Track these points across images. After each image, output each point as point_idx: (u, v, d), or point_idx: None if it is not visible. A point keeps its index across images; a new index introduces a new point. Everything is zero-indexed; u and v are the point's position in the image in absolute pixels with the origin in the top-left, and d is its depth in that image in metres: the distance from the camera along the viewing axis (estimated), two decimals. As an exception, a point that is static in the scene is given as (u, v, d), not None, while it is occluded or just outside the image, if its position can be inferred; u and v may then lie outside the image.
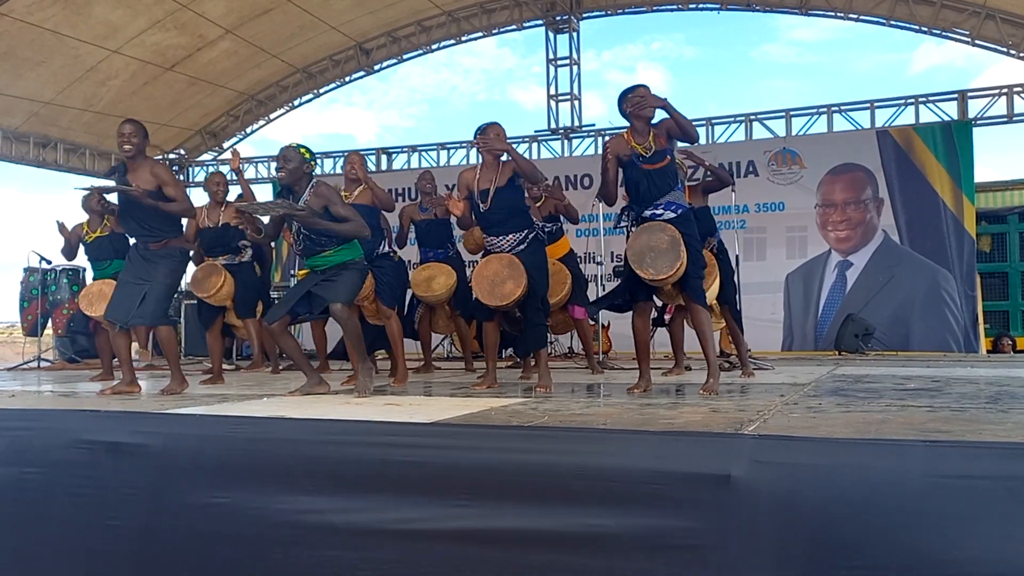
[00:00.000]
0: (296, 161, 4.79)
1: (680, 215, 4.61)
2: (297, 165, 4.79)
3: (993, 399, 4.18)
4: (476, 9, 13.00)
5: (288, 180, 4.79)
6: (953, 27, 11.01)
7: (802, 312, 10.94)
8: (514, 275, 5.01)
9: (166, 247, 5.21)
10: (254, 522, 3.23)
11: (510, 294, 4.99)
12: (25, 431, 3.79)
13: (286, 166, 4.77)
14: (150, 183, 5.08)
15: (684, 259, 4.44)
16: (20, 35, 10.46)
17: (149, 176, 5.11)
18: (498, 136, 5.12)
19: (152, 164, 5.24)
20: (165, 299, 5.22)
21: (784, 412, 3.70)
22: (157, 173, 5.15)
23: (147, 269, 5.15)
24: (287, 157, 4.78)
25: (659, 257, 4.44)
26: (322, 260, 4.83)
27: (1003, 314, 11.75)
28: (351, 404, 4.47)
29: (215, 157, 15.24)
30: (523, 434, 3.16)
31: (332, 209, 4.75)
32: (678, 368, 6.42)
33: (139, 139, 5.11)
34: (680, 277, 4.53)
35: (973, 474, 2.40)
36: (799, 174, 11.05)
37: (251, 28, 11.96)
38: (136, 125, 5.16)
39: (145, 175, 5.11)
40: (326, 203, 4.75)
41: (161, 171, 5.21)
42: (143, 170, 5.13)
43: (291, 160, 4.78)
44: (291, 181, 4.79)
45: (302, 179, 4.81)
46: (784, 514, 2.52)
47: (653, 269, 4.45)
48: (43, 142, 12.96)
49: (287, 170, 4.77)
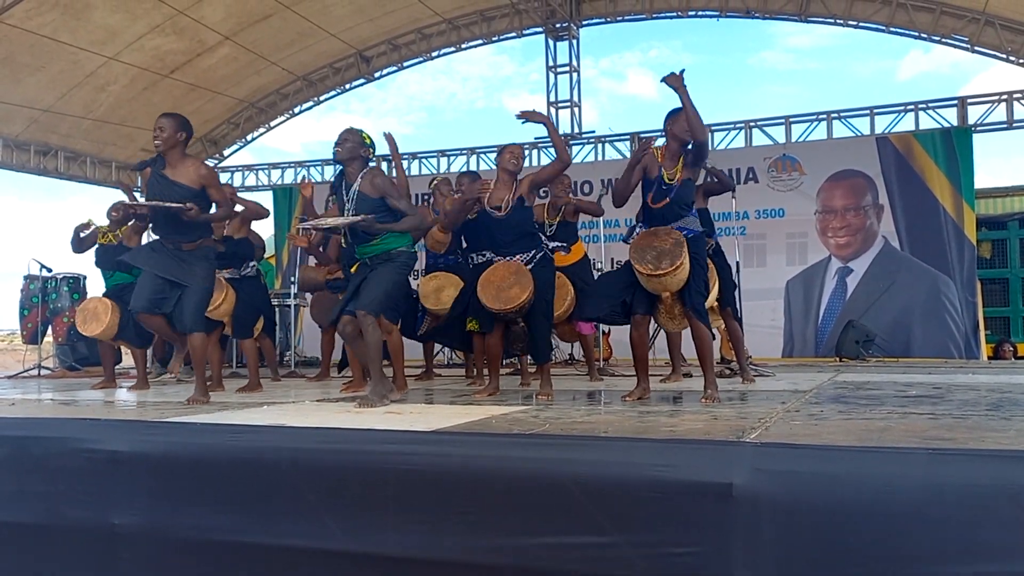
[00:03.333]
0: (353, 141, 4.80)
1: (690, 239, 4.66)
2: (354, 145, 4.79)
3: (995, 406, 4.17)
4: (476, 17, 13.03)
5: (343, 157, 4.79)
6: (952, 33, 11.02)
7: (803, 318, 10.94)
8: (521, 281, 5.03)
9: (200, 247, 5.04)
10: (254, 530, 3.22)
11: (515, 298, 5.00)
12: (25, 439, 3.78)
13: (343, 144, 4.78)
14: (195, 183, 4.88)
15: (686, 262, 4.48)
16: (19, 41, 10.47)
17: (195, 175, 4.90)
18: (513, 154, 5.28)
19: (198, 165, 5.00)
20: (203, 304, 5.06)
21: (786, 419, 3.69)
22: (203, 175, 4.93)
23: (183, 270, 4.95)
24: (346, 137, 4.81)
25: (661, 255, 4.51)
26: (370, 248, 4.80)
27: (1004, 320, 11.75)
28: (351, 412, 4.46)
29: (216, 165, 15.24)
30: (524, 442, 3.15)
31: (389, 201, 4.73)
32: (676, 375, 6.41)
33: (170, 133, 4.86)
34: (682, 290, 4.55)
35: (975, 482, 2.39)
36: (799, 180, 11.06)
37: (250, 34, 11.98)
38: (170, 118, 4.94)
39: (189, 173, 4.89)
40: (382, 194, 4.74)
41: (206, 173, 4.99)
42: (186, 168, 4.91)
43: (349, 140, 4.80)
44: (345, 159, 4.79)
45: (356, 160, 4.80)
46: (786, 522, 2.51)
47: (652, 264, 4.48)
48: (43, 150, 12.97)
49: (344, 148, 4.78)
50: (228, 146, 15.03)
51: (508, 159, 5.23)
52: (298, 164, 14.76)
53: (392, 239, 4.78)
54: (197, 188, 4.88)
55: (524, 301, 5.01)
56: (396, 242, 4.80)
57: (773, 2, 11.69)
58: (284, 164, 14.90)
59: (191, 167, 4.93)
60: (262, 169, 15.00)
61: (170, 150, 4.88)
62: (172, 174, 4.89)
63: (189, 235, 4.97)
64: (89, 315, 6.49)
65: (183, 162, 4.92)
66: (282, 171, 14.84)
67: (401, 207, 4.77)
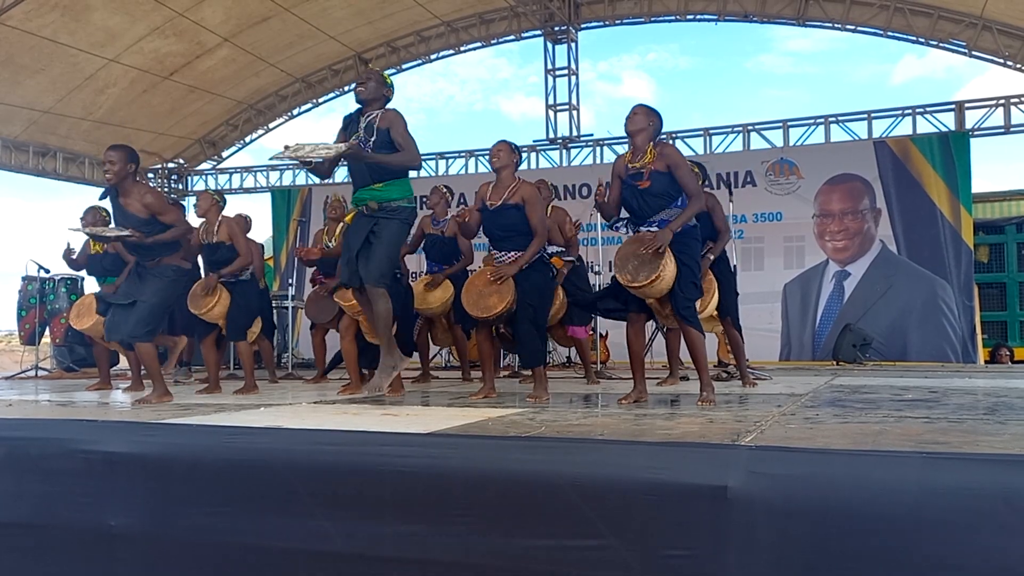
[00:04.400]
0: (375, 81, 4.89)
1: (677, 234, 4.55)
2: (376, 85, 4.88)
3: (990, 410, 4.18)
4: (475, 20, 13.05)
5: (365, 96, 4.86)
6: (950, 38, 11.06)
7: (800, 322, 10.95)
8: (500, 290, 5.06)
9: (158, 265, 5.24)
10: (251, 532, 3.22)
11: (492, 307, 5.06)
12: (22, 440, 3.78)
13: (366, 83, 4.87)
14: (143, 212, 5.11)
15: (665, 273, 4.40)
16: (19, 43, 10.48)
17: (140, 207, 5.11)
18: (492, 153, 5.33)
19: (142, 194, 5.18)
20: (148, 316, 5.17)
21: (781, 423, 3.69)
22: (148, 203, 5.13)
23: (138, 287, 5.24)
24: (368, 76, 4.91)
25: (641, 265, 4.45)
26: (370, 194, 4.79)
27: (1001, 324, 11.76)
28: (348, 414, 4.46)
29: (214, 166, 15.26)
30: (520, 444, 3.16)
31: (392, 133, 4.75)
32: (673, 378, 6.41)
33: (120, 166, 5.06)
34: (668, 294, 4.52)
35: (970, 486, 2.40)
36: (797, 184, 11.07)
37: (249, 36, 11.99)
38: (118, 151, 5.12)
39: (136, 204, 5.11)
40: (388, 125, 4.76)
41: (153, 201, 5.17)
42: (134, 198, 5.12)
43: (371, 79, 4.90)
44: (367, 98, 4.86)
45: (377, 101, 4.88)
46: (781, 525, 2.51)
47: (630, 275, 4.46)
48: (42, 151, 12.98)
49: (367, 87, 4.86)
50: (227, 148, 15.05)
51: (491, 158, 5.38)
52: (296, 166, 14.72)
53: (394, 188, 4.80)
54: (146, 216, 5.12)
55: (502, 310, 5.03)
56: (397, 191, 4.82)
57: (771, 6, 11.72)
58: (282, 166, 14.88)
59: (137, 197, 5.14)
60: (260, 171, 15.01)
61: (121, 181, 5.11)
62: (124, 203, 5.14)
63: (148, 256, 5.25)
64: (84, 309, 6.56)
65: (132, 191, 5.15)
66: (280, 173, 14.85)
67: (400, 141, 4.77)
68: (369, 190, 4.79)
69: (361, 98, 4.88)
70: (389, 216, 4.79)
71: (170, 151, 14.66)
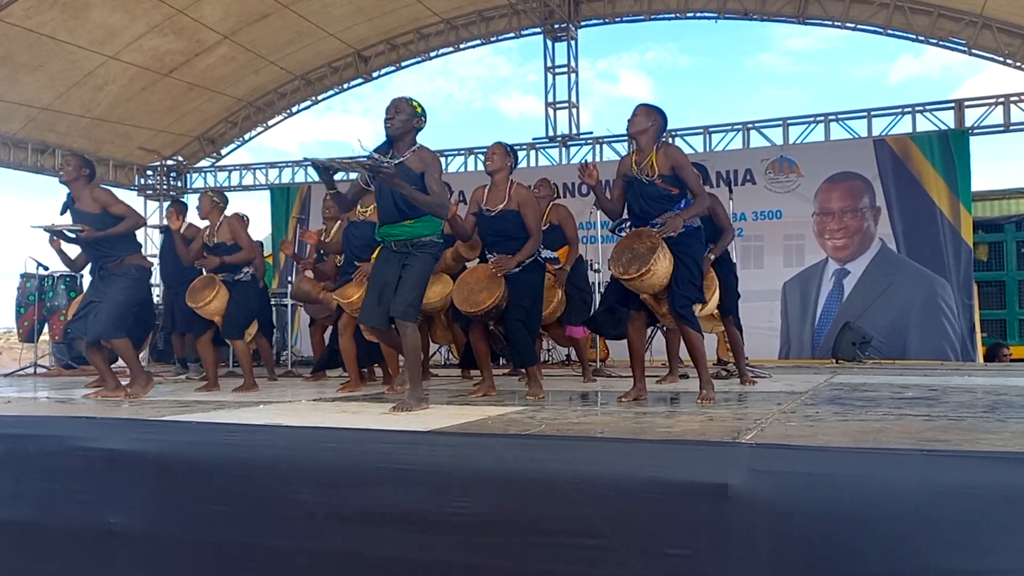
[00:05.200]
0: (407, 113, 4.49)
1: (679, 233, 4.56)
2: (407, 118, 4.49)
3: (990, 408, 4.18)
4: (475, 17, 13.03)
5: (394, 132, 4.47)
6: (950, 36, 11.04)
7: (799, 320, 10.95)
8: (490, 287, 5.06)
9: (121, 266, 5.52)
10: (250, 530, 3.22)
11: (481, 303, 5.06)
12: (21, 438, 3.77)
13: (396, 116, 4.47)
14: (95, 208, 5.47)
15: (657, 267, 4.40)
16: (18, 40, 10.46)
17: (91, 202, 5.48)
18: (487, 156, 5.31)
19: (91, 189, 5.54)
20: (115, 315, 5.40)
21: (781, 421, 3.69)
22: (97, 197, 5.51)
23: (99, 289, 5.52)
24: (398, 107, 4.49)
25: (633, 259, 4.46)
26: (399, 230, 4.52)
27: (1000, 323, 11.75)
28: (347, 412, 4.47)
29: (213, 164, 15.24)
30: (520, 442, 3.15)
31: (427, 179, 4.43)
32: (672, 376, 6.41)
33: (72, 168, 5.49)
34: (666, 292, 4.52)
35: (970, 483, 2.40)
36: (796, 182, 11.07)
37: (249, 34, 11.97)
38: (70, 157, 5.63)
39: (88, 201, 5.48)
40: (424, 168, 4.44)
41: (101, 194, 5.55)
42: (86, 197, 5.50)
43: (402, 111, 4.48)
44: (397, 134, 4.48)
45: (408, 135, 4.51)
46: (781, 523, 2.51)
47: (623, 267, 4.47)
48: (41, 148, 12.96)
49: (396, 121, 4.46)
50: (226, 145, 15.02)
51: (485, 161, 5.35)
52: (295, 164, 14.75)
53: (423, 225, 4.52)
54: (98, 212, 5.48)
55: (490, 306, 5.03)
56: (426, 228, 4.55)
57: (771, 4, 11.71)
58: (281, 163, 14.89)
59: (88, 195, 5.51)
60: (259, 168, 14.99)
61: (73, 183, 5.50)
62: (80, 205, 5.51)
63: (110, 256, 5.53)
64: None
65: (85, 192, 5.52)
66: (279, 170, 14.83)
67: (434, 187, 4.47)
68: (399, 226, 4.51)
69: (391, 134, 4.49)
70: (419, 252, 4.53)
71: (169, 148, 14.65)
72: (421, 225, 4.52)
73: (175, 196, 15.01)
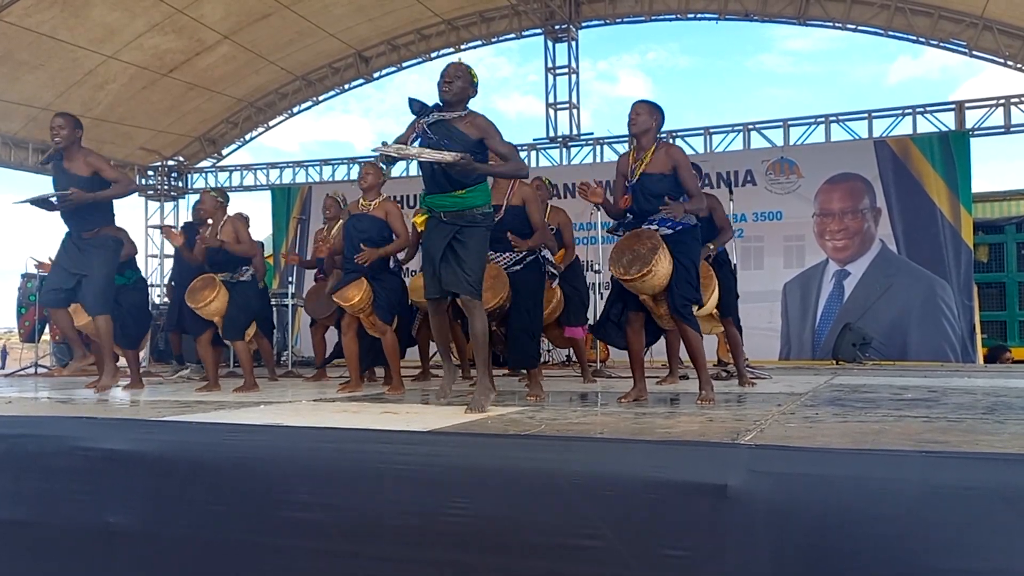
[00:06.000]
0: (463, 80, 4.26)
1: (677, 231, 4.57)
2: (464, 85, 4.26)
3: (990, 409, 4.18)
4: (475, 18, 13.04)
5: (452, 97, 4.23)
6: (951, 38, 11.06)
7: (799, 321, 10.95)
8: (495, 287, 5.03)
9: (98, 235, 5.55)
10: (250, 529, 3.22)
11: (485, 303, 5.02)
12: (21, 438, 3.78)
13: (455, 81, 4.24)
14: (86, 171, 5.45)
15: (657, 268, 4.39)
16: (18, 38, 10.47)
17: (83, 165, 5.47)
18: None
19: (86, 153, 5.55)
20: (106, 288, 5.55)
21: (781, 422, 3.70)
22: (91, 162, 5.50)
23: (82, 260, 5.49)
24: (454, 73, 4.25)
25: (633, 260, 4.45)
26: (450, 201, 4.28)
27: (1000, 324, 11.76)
28: (348, 412, 4.47)
29: (214, 164, 15.25)
30: (520, 443, 3.16)
31: (489, 142, 4.25)
32: (672, 377, 6.40)
33: (68, 131, 5.46)
34: (664, 293, 4.52)
35: (969, 485, 2.40)
36: (797, 183, 11.07)
37: (249, 33, 11.98)
38: (65, 118, 5.53)
39: (80, 164, 5.47)
40: (483, 135, 4.23)
41: (95, 159, 5.55)
42: (78, 160, 5.48)
43: (459, 77, 4.25)
44: (453, 99, 4.24)
45: (461, 102, 4.29)
46: (780, 524, 2.52)
47: (623, 268, 4.45)
48: (41, 148, 12.95)
49: (455, 86, 4.24)
50: (226, 145, 15.04)
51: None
52: (296, 164, 14.76)
53: (474, 195, 4.31)
54: (89, 175, 5.46)
55: (495, 306, 5.01)
56: (479, 198, 4.34)
57: (772, 5, 11.72)
58: (282, 164, 14.91)
59: (81, 157, 5.51)
60: (260, 169, 15.00)
61: (69, 146, 5.49)
62: (69, 167, 5.49)
63: (87, 224, 5.52)
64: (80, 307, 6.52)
65: (77, 155, 5.52)
66: (280, 171, 14.85)
67: (503, 151, 4.30)
68: (450, 196, 4.28)
69: (448, 98, 4.26)
70: (472, 224, 4.31)
71: (170, 148, 14.65)
72: (472, 195, 4.31)
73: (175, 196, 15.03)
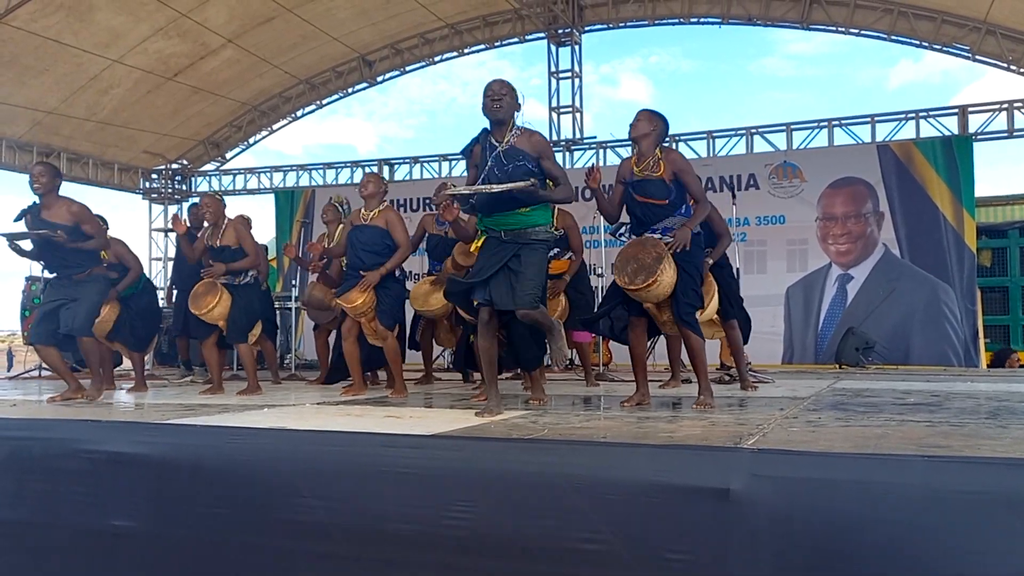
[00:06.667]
0: (510, 96, 4.26)
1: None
2: (512, 101, 4.26)
3: (992, 414, 4.18)
4: (479, 22, 13.05)
5: (504, 115, 4.24)
6: (954, 42, 11.05)
7: (802, 325, 10.94)
8: None
9: (91, 275, 5.62)
10: (254, 531, 3.23)
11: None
12: (26, 440, 3.79)
13: (501, 100, 4.23)
14: (68, 220, 5.47)
15: (663, 278, 4.40)
16: (23, 43, 10.49)
17: (67, 214, 5.49)
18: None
19: (69, 203, 5.57)
20: (92, 312, 5.59)
21: (783, 426, 3.70)
22: (75, 212, 5.52)
23: (75, 289, 5.52)
24: (500, 91, 4.24)
25: (639, 270, 4.45)
26: (513, 219, 4.27)
27: (1004, 328, 11.75)
28: (351, 415, 4.48)
29: (218, 168, 15.28)
30: (523, 447, 3.16)
31: (544, 163, 4.23)
32: (674, 381, 6.40)
33: (48, 179, 5.49)
34: (669, 300, 4.52)
35: (972, 489, 2.40)
36: (800, 187, 11.06)
37: (253, 37, 12.00)
38: (45, 167, 5.62)
39: (63, 212, 5.48)
40: (538, 153, 4.23)
41: (78, 209, 5.56)
42: (60, 208, 5.50)
43: (506, 94, 4.25)
44: (505, 117, 4.25)
45: (511, 119, 4.29)
46: (783, 528, 2.52)
47: (628, 278, 4.46)
48: (46, 151, 12.99)
49: (505, 103, 4.23)
50: (230, 148, 15.06)
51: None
52: (300, 167, 14.78)
53: (538, 214, 4.29)
54: (71, 224, 5.47)
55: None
56: (540, 216, 4.32)
57: (775, 9, 11.72)
58: (286, 167, 14.91)
59: (63, 207, 5.52)
60: (264, 172, 15.01)
61: (47, 194, 5.50)
62: (48, 215, 5.47)
63: (77, 268, 5.57)
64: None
65: (57, 203, 5.52)
66: (284, 174, 14.86)
67: (556, 173, 4.28)
68: (513, 214, 4.26)
69: (500, 116, 4.25)
70: (532, 243, 4.30)
71: (174, 152, 14.68)
72: (535, 214, 4.29)
73: (179, 200, 15.06)
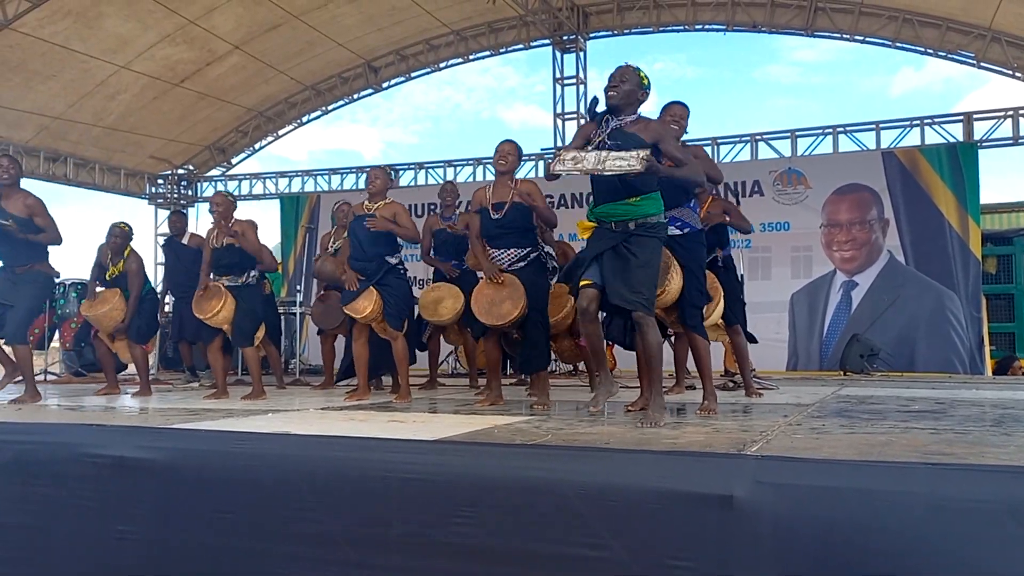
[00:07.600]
0: (633, 83, 4.04)
1: (685, 233, 4.58)
2: (632, 88, 4.04)
3: (997, 422, 4.18)
4: (484, 28, 13.08)
5: (617, 101, 4.03)
6: (959, 49, 11.05)
7: (807, 332, 10.93)
8: (513, 296, 5.04)
9: (30, 271, 5.80)
10: (257, 536, 3.23)
11: (507, 314, 5.03)
12: (31, 444, 3.80)
13: (621, 85, 4.02)
14: (23, 212, 5.69)
15: (669, 287, 4.37)
16: (31, 49, 10.56)
17: (22, 206, 5.72)
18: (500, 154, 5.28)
19: (25, 196, 5.80)
20: (27, 320, 5.83)
21: (787, 433, 3.70)
22: (30, 204, 5.75)
23: (12, 292, 5.75)
24: (624, 75, 4.03)
25: None
26: (622, 209, 4.05)
27: (1009, 336, 11.71)
28: (355, 420, 4.48)
29: (223, 173, 15.32)
30: (526, 452, 3.16)
31: (663, 146, 4.00)
32: (679, 387, 6.39)
33: (15, 171, 5.79)
34: (676, 302, 4.52)
35: (976, 497, 2.40)
36: (804, 194, 11.06)
37: (259, 44, 12.05)
38: (11, 160, 5.86)
39: (19, 204, 5.71)
40: (657, 139, 4.00)
41: (33, 203, 5.78)
42: (17, 200, 5.73)
43: (628, 80, 4.03)
44: (620, 103, 4.04)
45: (631, 106, 4.07)
46: (786, 535, 2.52)
47: None
48: (53, 157, 13.05)
49: (621, 89, 4.02)
50: (236, 154, 15.12)
51: (496, 160, 5.30)
52: (305, 173, 14.82)
53: (649, 203, 4.07)
54: (25, 216, 5.71)
55: (517, 316, 5.02)
56: (653, 206, 4.09)
57: (780, 16, 11.73)
58: (291, 173, 14.98)
59: (20, 198, 5.77)
60: (269, 177, 15.07)
61: (10, 185, 5.75)
62: (6, 205, 5.70)
63: (21, 259, 5.80)
64: (99, 300, 6.59)
65: (16, 195, 5.78)
66: (289, 179, 14.91)
67: (679, 156, 4.05)
68: (622, 204, 4.05)
69: (614, 103, 4.04)
70: (646, 234, 4.06)
71: (180, 157, 14.73)
72: (646, 203, 4.07)
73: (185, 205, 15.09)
